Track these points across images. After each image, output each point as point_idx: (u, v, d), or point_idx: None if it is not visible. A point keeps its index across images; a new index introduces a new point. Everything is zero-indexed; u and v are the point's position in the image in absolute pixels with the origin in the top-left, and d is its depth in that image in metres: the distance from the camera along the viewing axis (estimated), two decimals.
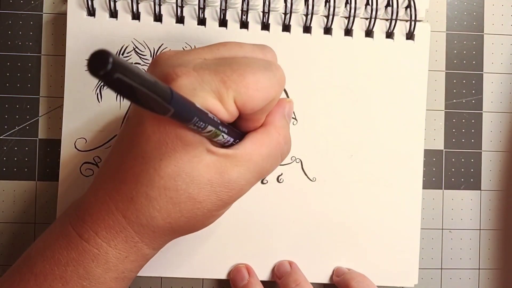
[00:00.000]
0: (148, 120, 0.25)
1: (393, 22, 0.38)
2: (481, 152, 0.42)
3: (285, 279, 0.37)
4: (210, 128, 0.24)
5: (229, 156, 0.27)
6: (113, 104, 0.38)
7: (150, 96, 0.19)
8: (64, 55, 0.37)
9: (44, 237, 0.29)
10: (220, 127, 0.26)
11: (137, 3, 0.37)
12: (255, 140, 0.28)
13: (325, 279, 0.39)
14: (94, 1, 0.37)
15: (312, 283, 0.37)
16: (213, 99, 0.25)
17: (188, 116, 0.22)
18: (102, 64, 0.16)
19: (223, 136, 0.26)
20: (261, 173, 0.29)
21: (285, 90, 0.38)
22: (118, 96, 0.38)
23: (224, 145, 0.28)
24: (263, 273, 0.39)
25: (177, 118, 0.22)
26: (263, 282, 0.38)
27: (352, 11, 0.38)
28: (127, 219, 0.27)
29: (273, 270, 0.39)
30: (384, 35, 0.39)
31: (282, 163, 0.38)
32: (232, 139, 0.27)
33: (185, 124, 0.23)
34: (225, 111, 0.25)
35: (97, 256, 0.27)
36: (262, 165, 0.28)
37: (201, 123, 0.23)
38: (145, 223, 0.27)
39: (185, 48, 0.38)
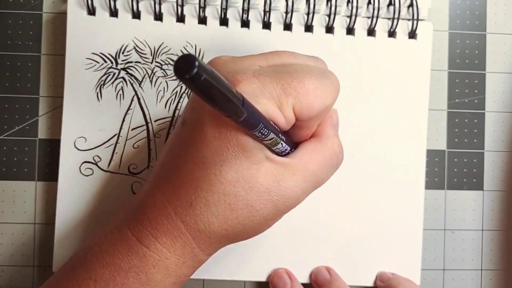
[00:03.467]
0: (209, 126, 0.25)
1: (395, 21, 0.38)
2: (483, 152, 0.41)
3: None
4: (271, 135, 0.25)
5: (286, 164, 0.27)
6: (113, 103, 0.37)
7: (229, 99, 0.20)
8: (64, 55, 0.37)
9: (98, 240, 0.29)
10: (280, 135, 0.26)
11: (137, 2, 0.37)
12: (310, 149, 0.28)
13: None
14: (94, 0, 0.37)
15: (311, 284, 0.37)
16: (274, 106, 0.25)
17: (255, 122, 0.23)
18: (188, 68, 0.17)
19: (282, 144, 0.26)
20: (317, 182, 0.29)
21: None
22: (118, 95, 0.37)
23: (280, 154, 0.28)
24: (264, 273, 0.39)
25: (246, 124, 0.22)
26: (262, 282, 0.38)
27: (354, 10, 0.37)
28: (186, 225, 0.27)
29: (310, 276, 0.39)
30: (386, 34, 0.39)
31: None
32: (288, 148, 0.28)
33: (250, 131, 0.24)
34: (283, 118, 0.25)
35: (158, 262, 0.27)
36: (318, 174, 0.28)
37: (265, 130, 0.24)
38: (203, 228, 0.27)
39: (185, 47, 0.38)
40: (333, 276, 0.37)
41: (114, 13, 0.37)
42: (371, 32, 0.38)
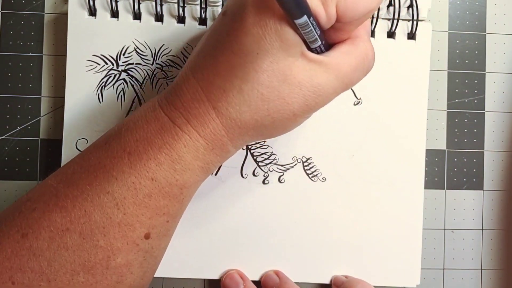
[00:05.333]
0: (250, 13, 0.25)
1: (395, 21, 0.38)
2: (483, 152, 0.41)
3: None
4: (311, 30, 0.25)
5: (320, 62, 0.27)
6: (114, 105, 0.38)
7: None
8: (66, 55, 0.37)
9: (133, 118, 0.29)
10: (319, 32, 0.26)
11: (139, 3, 0.37)
12: (344, 50, 0.28)
13: (326, 280, 0.39)
14: (95, 1, 0.37)
15: (311, 284, 0.37)
16: (318, 1, 0.25)
17: (300, 11, 0.23)
18: None
19: (319, 41, 0.26)
20: (348, 83, 0.29)
21: None
22: (119, 97, 0.38)
23: (315, 52, 0.28)
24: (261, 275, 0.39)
25: (290, 9, 0.22)
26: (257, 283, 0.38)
27: None
28: (217, 111, 0.27)
29: (261, 277, 0.39)
30: (386, 35, 0.39)
31: (283, 163, 0.38)
32: (324, 48, 0.28)
33: (293, 19, 0.24)
34: (325, 15, 0.25)
35: (189, 142, 0.28)
36: (349, 76, 0.28)
37: (307, 22, 0.24)
38: (234, 117, 0.27)
39: (186, 48, 0.38)
40: (282, 278, 0.38)
41: (115, 14, 0.37)
42: (370, 33, 0.39)
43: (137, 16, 0.37)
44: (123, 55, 0.38)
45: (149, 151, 0.28)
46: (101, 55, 0.37)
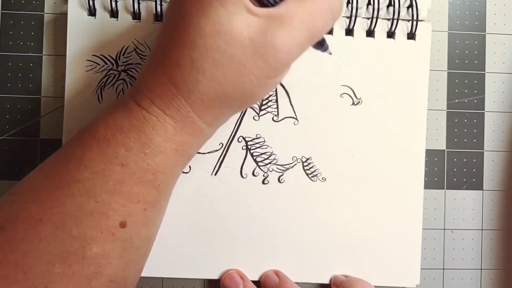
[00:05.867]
0: None
1: (395, 21, 0.38)
2: (483, 152, 0.41)
3: None
4: None
5: (271, 16, 0.26)
6: None
7: None
8: (65, 55, 0.37)
9: (106, 109, 0.30)
10: None
11: (138, 3, 0.37)
12: None
13: (325, 280, 0.39)
14: (95, 1, 0.37)
15: (311, 284, 0.37)
16: None
17: None
18: None
19: None
20: (311, 31, 0.27)
21: (285, 90, 0.38)
22: (119, 97, 0.38)
23: (269, 5, 0.26)
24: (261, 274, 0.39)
25: None
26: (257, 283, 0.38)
27: (354, 10, 0.38)
28: (175, 85, 0.27)
29: (261, 277, 0.39)
30: (385, 35, 0.39)
31: (283, 163, 0.38)
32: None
33: None
34: None
35: (156, 124, 0.27)
36: (310, 21, 0.27)
37: None
38: (192, 88, 0.27)
39: None
40: (282, 279, 0.37)
41: (114, 14, 0.37)
42: (370, 33, 0.39)
43: (136, 16, 0.37)
44: (123, 55, 0.38)
45: (117, 137, 0.28)
46: (101, 55, 0.37)
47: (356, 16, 0.38)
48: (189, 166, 0.38)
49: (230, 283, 0.37)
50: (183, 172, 0.37)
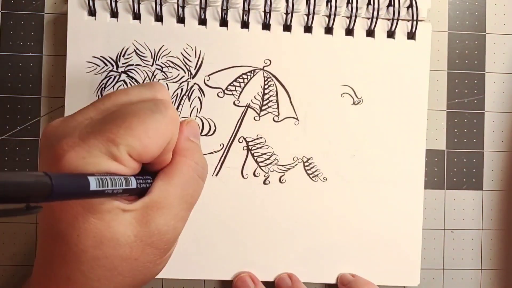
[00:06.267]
0: (54, 206, 0.25)
1: (395, 21, 0.38)
2: (483, 152, 0.41)
3: None
4: (117, 189, 0.24)
5: (148, 205, 0.26)
6: None
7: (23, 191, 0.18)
8: (66, 55, 0.37)
9: None
10: (131, 179, 0.25)
11: (138, 4, 0.37)
12: (165, 176, 0.27)
13: (328, 280, 0.39)
14: (95, 2, 0.37)
15: (315, 284, 0.37)
16: (107, 161, 0.24)
17: (83, 190, 0.22)
18: None
19: (134, 188, 0.25)
20: (187, 202, 0.28)
21: (286, 90, 0.38)
22: None
23: (140, 193, 0.27)
24: (267, 274, 0.39)
25: (68, 196, 0.21)
26: (266, 283, 0.38)
27: (354, 10, 0.38)
28: None
29: (275, 279, 0.39)
30: (386, 35, 0.39)
31: (284, 164, 0.38)
32: (146, 184, 0.26)
33: (85, 199, 0.23)
34: (124, 167, 0.24)
35: None
36: (183, 195, 0.27)
37: (105, 189, 0.23)
38: None
39: (185, 49, 0.38)
40: (295, 282, 0.37)
41: (114, 14, 0.37)
42: (370, 33, 0.39)
43: (136, 16, 0.37)
44: (123, 56, 0.38)
45: None
46: (101, 56, 0.37)
47: (356, 16, 0.38)
48: None
49: (242, 286, 0.37)
50: None
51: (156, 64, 0.38)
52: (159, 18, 0.38)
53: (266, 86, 0.38)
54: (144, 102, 0.26)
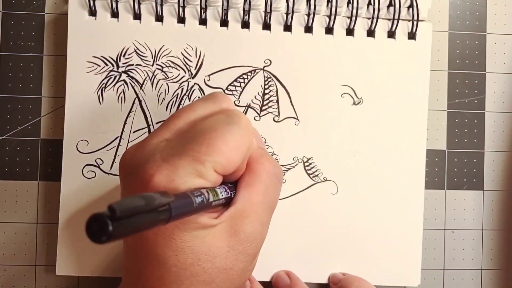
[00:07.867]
0: (148, 232, 0.25)
1: (395, 21, 0.38)
2: (483, 152, 0.41)
3: None
4: (216, 200, 0.25)
5: (233, 215, 0.26)
6: (115, 106, 0.38)
7: (153, 220, 0.19)
8: (66, 55, 0.37)
9: None
10: (220, 191, 0.26)
11: (139, 4, 0.37)
12: (246, 185, 0.28)
13: (325, 279, 0.39)
14: (95, 2, 0.37)
15: (310, 284, 0.37)
16: (194, 179, 0.24)
17: (190, 208, 0.23)
18: (102, 230, 0.16)
19: (222, 199, 0.26)
20: (270, 207, 0.29)
21: (286, 90, 0.38)
22: (119, 98, 0.38)
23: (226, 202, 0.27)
24: (262, 274, 0.39)
25: (182, 216, 0.22)
26: (262, 283, 0.38)
27: (354, 11, 0.38)
28: None
29: (272, 278, 0.39)
30: (386, 35, 0.39)
31: (284, 164, 0.38)
32: (231, 193, 0.27)
33: (190, 215, 0.24)
34: (209, 182, 0.25)
35: None
36: (266, 201, 0.28)
37: (205, 203, 0.24)
38: None
39: (186, 49, 0.38)
40: (294, 280, 0.38)
41: (115, 14, 0.37)
42: (371, 33, 0.39)
43: (137, 16, 0.37)
44: (123, 56, 0.38)
45: None
46: (101, 56, 0.37)
47: (356, 16, 0.38)
48: None
49: None
50: None
51: (157, 64, 0.38)
52: (159, 18, 0.38)
53: (266, 86, 0.39)
54: (217, 116, 0.27)
